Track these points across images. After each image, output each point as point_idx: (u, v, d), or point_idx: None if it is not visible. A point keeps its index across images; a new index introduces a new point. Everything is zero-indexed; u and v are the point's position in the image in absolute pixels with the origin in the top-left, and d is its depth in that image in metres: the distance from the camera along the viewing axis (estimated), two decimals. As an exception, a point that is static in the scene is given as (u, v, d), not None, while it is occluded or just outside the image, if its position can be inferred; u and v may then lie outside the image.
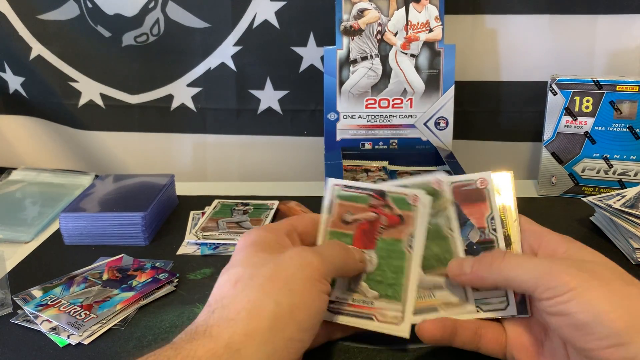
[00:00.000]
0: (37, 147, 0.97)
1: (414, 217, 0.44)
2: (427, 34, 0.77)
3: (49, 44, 0.88)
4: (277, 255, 0.39)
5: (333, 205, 0.46)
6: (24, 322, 0.51)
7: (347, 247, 0.44)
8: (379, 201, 0.45)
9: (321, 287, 0.38)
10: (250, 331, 0.33)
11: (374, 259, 0.45)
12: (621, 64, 0.81)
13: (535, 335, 0.41)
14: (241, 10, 0.84)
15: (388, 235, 0.45)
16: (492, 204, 0.44)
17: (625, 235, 0.60)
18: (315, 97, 0.86)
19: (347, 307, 0.44)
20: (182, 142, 0.93)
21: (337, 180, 0.47)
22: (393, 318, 0.43)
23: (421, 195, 0.45)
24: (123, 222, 0.66)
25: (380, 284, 0.44)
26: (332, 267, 0.40)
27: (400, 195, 0.45)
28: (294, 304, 0.36)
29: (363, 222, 0.45)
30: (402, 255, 0.44)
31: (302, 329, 0.36)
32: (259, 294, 0.35)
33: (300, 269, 0.37)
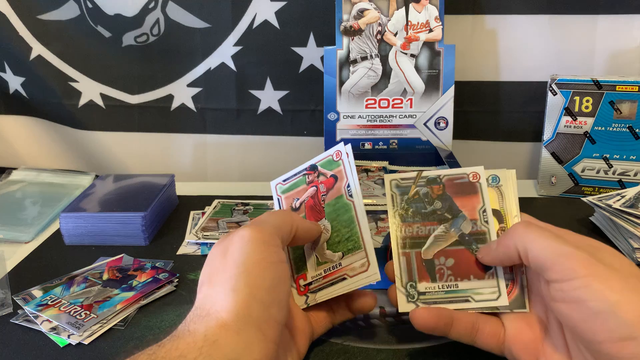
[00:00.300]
0: (37, 147, 0.97)
1: (343, 169, 0.47)
2: (427, 34, 0.77)
3: (49, 44, 0.88)
4: (225, 243, 0.40)
5: (281, 202, 0.50)
6: (24, 322, 0.51)
7: (281, 210, 0.47)
8: (313, 175, 0.49)
9: (271, 257, 0.39)
10: (222, 323, 0.35)
11: (327, 225, 0.47)
12: (621, 64, 0.81)
13: (535, 331, 0.41)
14: (241, 10, 0.84)
15: (330, 198, 0.47)
16: (484, 197, 0.45)
17: (625, 235, 0.60)
18: (315, 97, 0.86)
19: (322, 280, 0.46)
20: (182, 142, 0.93)
21: (276, 179, 0.51)
22: (361, 266, 0.44)
23: (341, 147, 0.47)
24: (123, 222, 0.66)
25: (340, 243, 0.46)
26: (272, 229, 0.41)
27: (325, 158, 0.48)
28: (248, 283, 0.37)
29: (307, 199, 0.48)
30: (347, 207, 0.46)
31: (267, 305, 0.37)
32: (220, 288, 0.37)
33: (243, 247, 0.38)
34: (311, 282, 0.46)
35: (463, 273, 0.44)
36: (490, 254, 0.42)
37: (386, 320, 0.50)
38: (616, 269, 0.35)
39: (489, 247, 0.43)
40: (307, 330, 0.44)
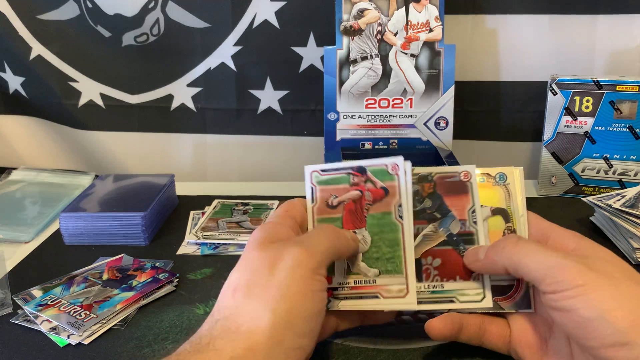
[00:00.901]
0: (37, 147, 0.97)
1: (397, 186, 0.44)
2: (427, 34, 0.77)
3: (49, 44, 0.88)
4: (271, 254, 0.38)
5: (315, 192, 0.46)
6: (24, 322, 0.51)
7: (336, 228, 0.43)
8: (360, 178, 0.45)
9: (315, 285, 0.38)
10: (251, 345, 0.34)
11: (367, 236, 0.44)
12: (621, 64, 0.81)
13: (540, 332, 0.41)
14: (241, 10, 0.84)
15: (376, 210, 0.44)
16: (474, 197, 0.44)
17: (625, 235, 0.60)
18: (315, 97, 0.86)
19: (349, 290, 0.44)
20: (182, 142, 0.93)
21: (313, 166, 0.46)
22: (398, 292, 0.42)
23: (400, 162, 0.44)
24: (123, 222, 0.66)
25: (378, 260, 0.44)
26: (323, 257, 0.39)
27: (379, 167, 0.45)
28: (289, 310, 0.35)
29: (348, 202, 0.45)
30: (394, 227, 0.44)
31: (301, 335, 0.36)
32: (256, 305, 0.35)
33: (292, 270, 0.37)
34: (337, 288, 0.44)
35: (449, 274, 0.43)
36: (477, 263, 0.42)
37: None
38: (608, 275, 0.35)
39: (476, 254, 0.42)
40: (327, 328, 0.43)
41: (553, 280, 0.36)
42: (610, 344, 0.33)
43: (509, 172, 0.45)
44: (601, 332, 0.33)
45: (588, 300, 0.34)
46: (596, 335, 0.34)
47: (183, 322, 0.51)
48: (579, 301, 0.34)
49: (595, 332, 0.34)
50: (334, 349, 0.46)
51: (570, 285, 0.35)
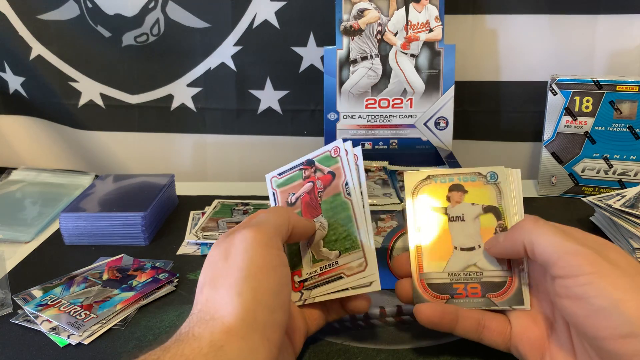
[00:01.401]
0: (37, 147, 0.97)
1: (341, 166, 0.46)
2: (427, 34, 0.77)
3: (49, 44, 0.88)
4: (226, 244, 0.39)
5: (276, 196, 0.49)
6: (24, 322, 0.51)
7: (275, 208, 0.45)
8: (310, 170, 0.48)
9: (273, 260, 0.39)
10: (227, 328, 0.34)
11: (324, 222, 0.46)
12: (621, 64, 0.81)
13: (541, 328, 0.41)
14: (241, 10, 0.84)
15: (327, 195, 0.47)
16: (345, 170, 0.46)
17: (625, 235, 0.60)
18: (315, 97, 0.86)
19: (317, 278, 0.45)
20: (182, 142, 0.93)
21: (271, 172, 0.50)
22: (358, 266, 0.44)
23: (339, 144, 0.47)
24: (123, 222, 0.66)
25: (337, 241, 0.45)
26: (273, 231, 0.40)
27: (323, 154, 0.48)
28: (254, 288, 0.36)
29: (303, 195, 0.48)
30: (345, 205, 0.46)
31: (272, 310, 0.37)
32: (224, 292, 0.36)
33: (244, 251, 0.38)
34: (306, 279, 0.46)
35: None
36: (497, 245, 0.43)
37: (386, 320, 0.50)
38: (621, 267, 0.35)
39: (496, 238, 0.43)
40: (302, 328, 0.44)
41: (566, 263, 0.36)
42: (620, 335, 0.33)
43: (500, 171, 0.46)
44: (612, 322, 0.33)
45: (600, 289, 0.34)
46: (607, 325, 0.33)
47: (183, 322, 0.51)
48: (591, 289, 0.34)
49: (606, 321, 0.33)
50: (334, 349, 0.46)
51: (583, 271, 0.35)
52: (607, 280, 0.34)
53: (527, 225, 0.40)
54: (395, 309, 0.50)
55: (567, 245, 0.37)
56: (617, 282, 0.34)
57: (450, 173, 0.47)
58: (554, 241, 0.37)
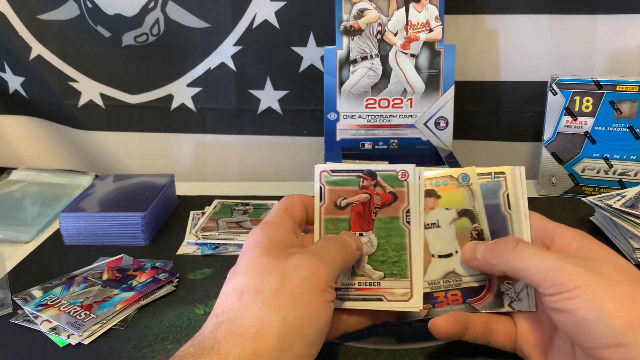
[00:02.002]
0: (37, 147, 0.97)
1: (406, 192, 0.45)
2: (427, 33, 0.77)
3: (49, 44, 0.88)
4: (283, 262, 0.38)
5: (324, 192, 0.46)
6: (24, 322, 0.51)
7: (343, 241, 0.43)
8: (369, 181, 0.46)
9: (327, 297, 0.38)
10: (258, 350, 0.33)
11: (373, 239, 0.45)
12: (621, 64, 0.81)
13: (545, 330, 0.41)
14: (241, 10, 0.84)
15: (384, 214, 0.45)
16: (410, 197, 0.45)
17: (625, 235, 0.60)
18: (315, 97, 0.86)
19: (354, 292, 0.44)
20: (182, 142, 0.93)
21: (323, 165, 0.46)
22: (402, 295, 0.43)
23: (410, 169, 0.45)
24: (123, 222, 0.66)
25: (383, 263, 0.44)
26: (336, 270, 0.40)
27: (389, 172, 0.45)
28: (300, 318, 0.35)
29: (357, 204, 0.46)
30: (401, 232, 0.44)
31: (310, 344, 0.36)
32: (266, 310, 0.35)
33: (306, 280, 0.37)
34: (340, 289, 0.44)
35: None
36: (474, 262, 0.43)
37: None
38: (606, 276, 0.35)
39: (474, 253, 0.43)
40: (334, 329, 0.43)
41: (552, 283, 0.36)
42: (606, 345, 0.33)
43: (471, 172, 0.45)
44: (598, 332, 0.34)
45: (585, 302, 0.34)
46: (593, 336, 0.34)
47: (183, 322, 0.51)
48: (576, 302, 0.35)
49: (592, 332, 0.34)
50: (334, 349, 0.46)
51: (568, 287, 0.35)
52: (591, 292, 0.35)
53: (506, 252, 0.40)
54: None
55: (549, 264, 0.37)
56: (601, 294, 0.34)
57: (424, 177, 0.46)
58: (536, 263, 0.38)
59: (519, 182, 0.45)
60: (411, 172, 0.45)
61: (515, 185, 0.45)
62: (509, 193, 0.45)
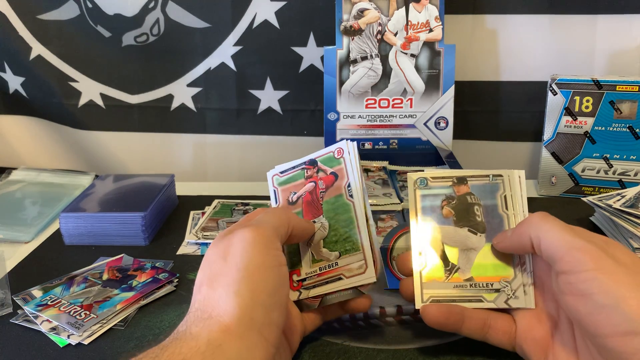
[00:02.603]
0: (37, 147, 0.97)
1: (344, 168, 0.47)
2: (427, 34, 0.77)
3: (49, 44, 0.88)
4: (223, 244, 0.39)
5: (277, 194, 0.49)
6: (24, 322, 0.51)
7: (282, 207, 0.45)
8: (312, 170, 0.48)
9: (271, 261, 0.39)
10: (224, 327, 0.35)
11: (325, 223, 0.46)
12: (621, 64, 0.81)
13: (545, 327, 0.41)
14: (241, 10, 0.84)
15: (329, 196, 0.47)
16: (348, 171, 0.46)
17: (625, 235, 0.60)
18: (315, 97, 0.86)
19: (317, 278, 0.45)
20: (182, 142, 0.93)
21: (273, 170, 0.50)
22: (358, 268, 0.44)
23: (343, 145, 0.47)
24: (123, 222, 0.66)
25: (337, 243, 0.46)
26: (271, 231, 0.41)
27: (326, 155, 0.48)
28: (251, 289, 0.37)
29: (305, 195, 0.48)
30: (347, 207, 0.46)
31: (269, 310, 0.37)
32: (221, 291, 0.37)
33: (245, 251, 0.38)
34: (305, 279, 0.46)
35: None
36: (505, 240, 0.43)
37: (386, 320, 0.50)
38: (626, 265, 0.35)
39: (504, 234, 0.44)
40: (299, 328, 0.44)
41: (571, 258, 0.36)
42: (621, 333, 0.33)
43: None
44: (614, 319, 0.33)
45: (603, 286, 0.34)
46: (608, 323, 0.33)
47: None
48: (594, 285, 0.34)
49: (608, 319, 0.33)
50: (334, 349, 0.46)
51: (587, 267, 0.35)
52: (611, 277, 0.34)
53: (535, 220, 0.40)
54: (395, 309, 0.50)
55: (573, 241, 0.37)
56: (621, 280, 0.34)
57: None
58: (560, 237, 0.38)
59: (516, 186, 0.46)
60: (344, 147, 0.47)
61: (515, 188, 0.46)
62: (506, 195, 0.45)
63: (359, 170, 0.46)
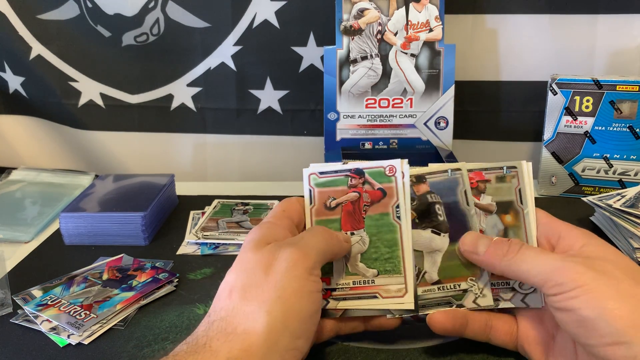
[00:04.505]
0: (37, 147, 0.97)
1: (395, 187, 0.45)
2: (427, 33, 0.77)
3: (49, 44, 0.88)
4: (266, 256, 0.38)
5: (313, 194, 0.46)
6: (24, 322, 0.51)
7: (328, 229, 0.44)
8: (358, 180, 0.46)
9: (310, 287, 0.38)
10: (247, 347, 0.34)
11: (365, 237, 0.45)
12: (621, 64, 0.81)
13: (547, 328, 0.41)
14: (241, 10, 0.84)
15: (374, 212, 0.45)
16: (398, 192, 0.45)
17: (625, 235, 0.60)
18: (315, 97, 0.86)
19: (348, 291, 0.44)
20: (182, 142, 0.93)
21: (311, 168, 0.47)
22: (397, 291, 0.43)
23: (397, 164, 0.45)
24: (123, 222, 0.66)
25: (376, 260, 0.44)
26: (317, 257, 0.40)
27: (376, 169, 0.46)
28: (285, 311, 0.36)
29: (346, 203, 0.46)
30: (392, 228, 0.44)
31: (296, 337, 0.36)
32: (252, 307, 0.36)
33: (287, 271, 0.37)
34: (335, 289, 0.44)
35: None
36: (474, 257, 0.43)
37: (386, 320, 0.50)
38: (608, 274, 0.36)
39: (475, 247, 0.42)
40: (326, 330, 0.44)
41: (554, 283, 0.36)
42: (608, 343, 0.34)
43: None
44: (600, 331, 0.34)
45: (588, 300, 0.35)
46: (595, 334, 0.34)
47: (183, 322, 0.51)
48: (579, 301, 0.35)
49: (594, 331, 0.34)
50: (334, 349, 0.46)
51: (570, 287, 0.36)
52: (593, 291, 0.35)
53: (508, 256, 0.40)
54: None
55: (551, 265, 0.37)
56: (603, 292, 0.35)
57: None
58: (538, 265, 0.38)
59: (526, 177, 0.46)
60: (398, 166, 0.45)
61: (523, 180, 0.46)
62: (466, 190, 0.45)
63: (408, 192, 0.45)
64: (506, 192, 0.45)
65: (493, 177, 0.46)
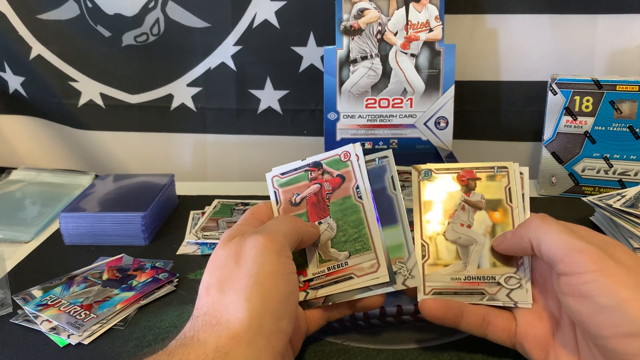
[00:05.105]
0: (37, 147, 0.97)
1: (352, 170, 0.47)
2: (427, 33, 0.77)
3: (49, 43, 0.88)
4: (234, 248, 0.39)
5: (279, 195, 0.49)
6: (24, 322, 0.51)
7: (292, 216, 0.46)
8: (317, 172, 0.48)
9: (283, 268, 0.39)
10: (233, 334, 0.35)
11: (332, 224, 0.47)
12: (621, 64, 0.81)
13: (546, 326, 0.41)
14: (241, 10, 0.84)
15: (336, 197, 0.47)
16: (356, 174, 0.47)
17: (625, 235, 0.60)
18: (315, 97, 0.86)
19: (325, 278, 0.45)
20: (182, 142, 0.93)
21: (273, 172, 0.49)
22: (370, 267, 0.45)
23: (350, 149, 0.47)
24: (123, 222, 0.66)
25: (346, 243, 0.46)
26: (284, 239, 0.41)
27: (332, 157, 0.48)
28: (262, 295, 0.37)
29: (310, 196, 0.48)
30: (356, 208, 0.46)
31: (279, 318, 0.37)
32: (231, 296, 0.37)
33: (256, 257, 0.38)
34: (312, 279, 0.46)
35: None
36: (504, 242, 0.43)
37: (386, 320, 0.50)
38: (627, 265, 0.35)
39: (504, 235, 0.44)
40: (302, 329, 0.44)
41: (571, 260, 0.36)
42: (623, 334, 0.33)
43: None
44: (615, 320, 0.33)
45: (604, 287, 0.34)
46: (610, 324, 0.33)
47: (183, 322, 0.50)
48: (595, 287, 0.34)
49: (610, 320, 0.33)
50: (334, 349, 0.46)
51: (587, 269, 0.35)
52: (612, 278, 0.34)
53: (535, 223, 0.40)
54: (395, 308, 0.50)
55: (573, 243, 0.37)
56: (622, 281, 0.34)
57: None
58: (560, 238, 0.37)
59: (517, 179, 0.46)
60: (351, 150, 0.47)
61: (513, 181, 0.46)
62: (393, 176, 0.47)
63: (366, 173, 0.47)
64: (496, 190, 0.46)
65: (484, 176, 0.47)
